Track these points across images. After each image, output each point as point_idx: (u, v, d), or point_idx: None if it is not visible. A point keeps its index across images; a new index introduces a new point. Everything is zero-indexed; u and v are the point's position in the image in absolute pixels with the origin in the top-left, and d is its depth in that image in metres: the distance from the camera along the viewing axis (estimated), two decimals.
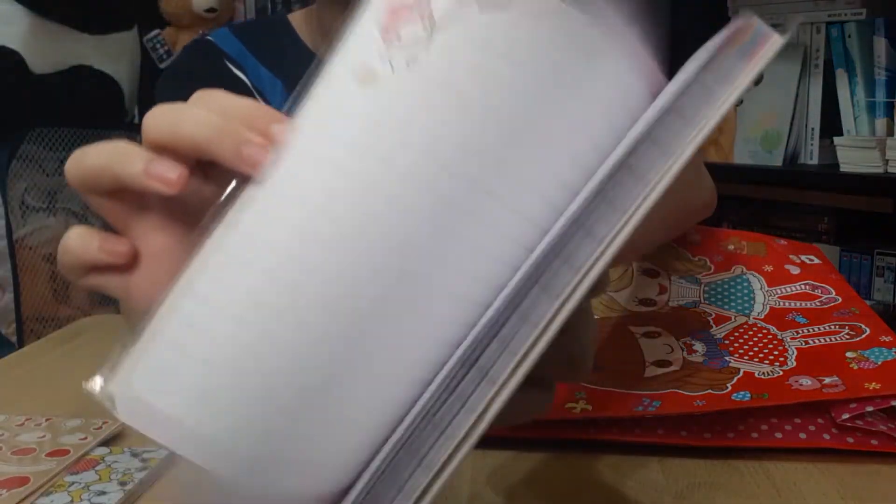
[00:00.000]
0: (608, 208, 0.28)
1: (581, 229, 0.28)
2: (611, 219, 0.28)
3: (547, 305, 0.28)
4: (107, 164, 0.37)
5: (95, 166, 0.37)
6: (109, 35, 1.96)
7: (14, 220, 1.86)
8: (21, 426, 0.57)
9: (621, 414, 0.53)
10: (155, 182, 0.35)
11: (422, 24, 0.32)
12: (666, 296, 0.69)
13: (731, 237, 0.75)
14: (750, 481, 0.49)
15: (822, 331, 0.61)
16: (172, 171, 0.35)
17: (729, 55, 0.28)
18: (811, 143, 1.83)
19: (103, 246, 0.38)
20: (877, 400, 0.51)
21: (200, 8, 2.26)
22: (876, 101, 1.73)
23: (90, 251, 0.38)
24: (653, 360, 0.59)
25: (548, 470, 0.51)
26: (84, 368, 0.34)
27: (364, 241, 0.31)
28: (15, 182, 1.88)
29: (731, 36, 0.29)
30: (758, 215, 1.96)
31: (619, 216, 0.28)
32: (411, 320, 0.33)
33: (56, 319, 1.93)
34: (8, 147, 1.85)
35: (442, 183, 0.31)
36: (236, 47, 0.86)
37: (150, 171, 0.35)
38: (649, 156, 0.28)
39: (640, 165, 0.28)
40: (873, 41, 1.72)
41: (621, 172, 0.29)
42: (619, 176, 0.28)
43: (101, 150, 0.37)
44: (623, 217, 0.28)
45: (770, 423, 0.53)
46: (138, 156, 0.36)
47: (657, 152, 0.28)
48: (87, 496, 0.47)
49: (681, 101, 0.28)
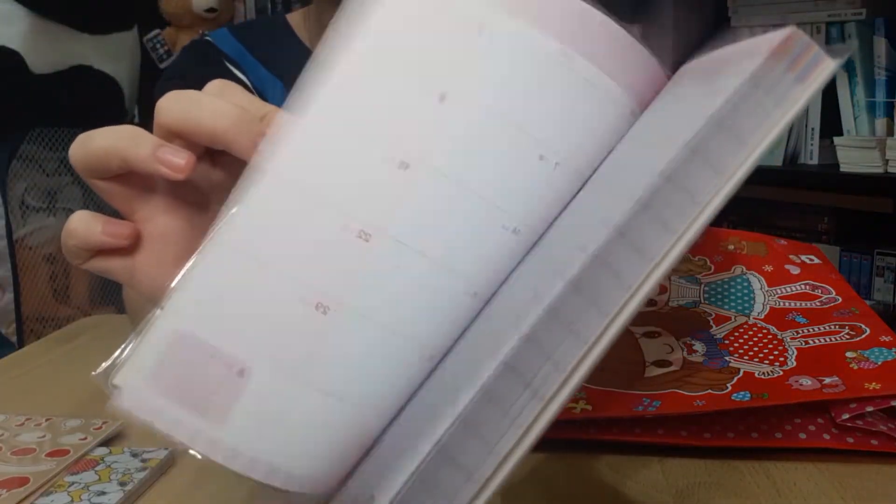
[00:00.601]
0: (661, 229, 0.27)
1: (631, 248, 0.28)
2: (662, 238, 0.27)
3: (597, 321, 0.27)
4: (115, 146, 0.37)
5: (103, 148, 0.37)
6: (109, 35, 1.96)
7: (14, 220, 1.86)
8: (21, 426, 0.57)
9: (621, 414, 0.53)
10: (163, 167, 0.36)
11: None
12: (666, 296, 0.69)
13: (731, 237, 0.75)
14: (750, 481, 0.49)
15: (822, 331, 0.61)
16: (181, 157, 0.36)
17: (784, 76, 0.27)
18: (811, 143, 1.83)
19: (107, 229, 0.38)
20: (877, 400, 0.51)
21: (200, 8, 2.26)
22: (876, 101, 1.73)
23: (94, 234, 0.38)
24: (653, 360, 0.59)
25: (548, 470, 0.51)
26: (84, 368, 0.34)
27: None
28: (15, 182, 1.88)
29: (777, 50, 0.27)
30: (758, 215, 1.96)
31: (671, 236, 0.27)
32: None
33: (56, 319, 1.93)
34: (8, 147, 1.85)
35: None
36: (236, 47, 0.86)
37: (159, 155, 0.36)
38: (703, 177, 0.27)
39: (693, 186, 0.27)
40: (873, 41, 1.73)
41: (671, 191, 0.28)
42: (672, 196, 0.27)
43: (108, 133, 0.38)
44: (674, 237, 0.27)
45: (770, 423, 0.53)
46: (147, 140, 0.37)
47: (710, 173, 0.27)
48: (87, 496, 0.47)
49: (736, 121, 0.27)
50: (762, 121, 0.27)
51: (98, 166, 0.38)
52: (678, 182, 0.27)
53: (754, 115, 0.27)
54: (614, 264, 0.27)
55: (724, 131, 0.27)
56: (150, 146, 0.36)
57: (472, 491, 0.27)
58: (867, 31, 1.73)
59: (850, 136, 1.75)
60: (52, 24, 1.83)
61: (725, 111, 0.27)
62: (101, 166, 0.38)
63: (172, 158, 0.36)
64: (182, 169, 0.36)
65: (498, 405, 0.28)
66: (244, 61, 0.85)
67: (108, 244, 0.38)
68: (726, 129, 0.27)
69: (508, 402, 0.28)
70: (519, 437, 0.27)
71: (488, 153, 0.33)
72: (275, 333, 0.33)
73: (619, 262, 0.27)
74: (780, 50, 0.27)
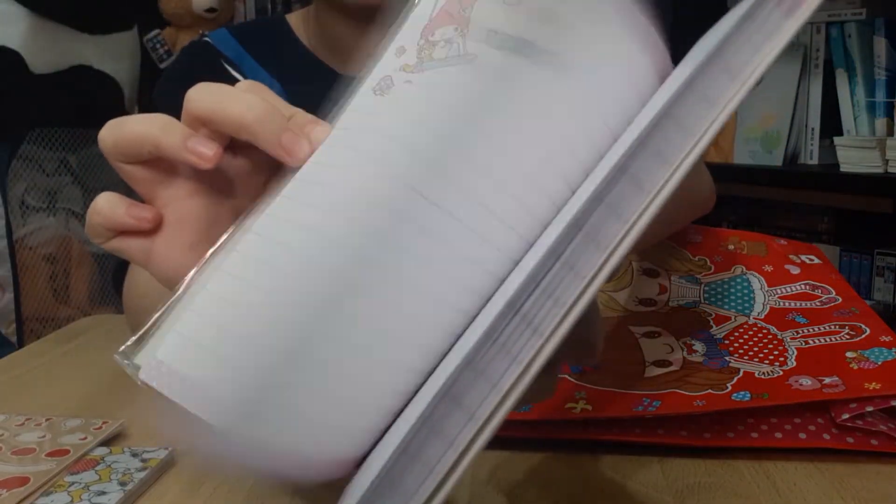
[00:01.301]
0: (657, 160, 0.29)
1: (628, 179, 0.29)
2: (658, 171, 0.29)
3: (595, 257, 0.28)
4: (147, 132, 0.39)
5: (135, 133, 0.40)
6: (109, 35, 1.96)
7: (14, 220, 1.86)
8: (21, 426, 0.57)
9: (621, 414, 0.53)
10: (192, 155, 0.38)
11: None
12: (666, 296, 0.69)
13: (731, 237, 0.75)
14: (750, 481, 0.49)
15: (822, 331, 0.61)
16: (209, 148, 0.38)
17: (773, 12, 0.29)
18: (811, 143, 1.83)
19: (130, 211, 0.40)
20: (877, 400, 0.51)
21: (200, 8, 2.26)
22: (876, 101, 1.73)
23: (118, 214, 0.40)
24: (653, 360, 0.59)
25: (548, 470, 0.51)
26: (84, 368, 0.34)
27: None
28: (15, 182, 1.88)
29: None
30: (758, 215, 1.96)
31: (668, 169, 0.29)
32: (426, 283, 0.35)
33: (56, 319, 1.93)
34: (8, 147, 1.85)
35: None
36: (234, 48, 0.86)
37: (189, 145, 0.38)
38: (696, 111, 0.29)
39: (685, 118, 0.29)
40: (873, 41, 1.72)
41: (667, 125, 0.29)
42: (666, 127, 0.29)
43: (142, 119, 0.40)
44: (670, 169, 0.29)
45: (770, 423, 0.53)
46: (178, 129, 0.39)
47: (704, 106, 0.29)
48: (87, 496, 0.47)
49: (727, 55, 0.29)
50: (753, 55, 0.29)
51: (129, 151, 0.40)
52: (672, 114, 0.29)
53: (744, 49, 0.29)
54: (613, 201, 0.29)
55: (716, 65, 0.29)
56: (181, 135, 0.39)
57: (473, 430, 0.28)
58: (867, 31, 1.73)
59: (850, 136, 1.75)
60: (52, 24, 1.83)
61: (720, 48, 0.29)
62: (131, 151, 0.40)
63: (202, 148, 0.38)
64: (210, 159, 0.38)
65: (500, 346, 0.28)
66: (243, 62, 0.85)
67: (130, 226, 0.41)
68: (718, 64, 0.29)
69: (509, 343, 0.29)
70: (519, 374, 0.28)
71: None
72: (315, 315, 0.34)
73: (619, 197, 0.29)
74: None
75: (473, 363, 0.28)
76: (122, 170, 0.41)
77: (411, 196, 0.34)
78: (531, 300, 0.28)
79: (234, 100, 0.38)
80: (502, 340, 0.28)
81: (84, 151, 1.93)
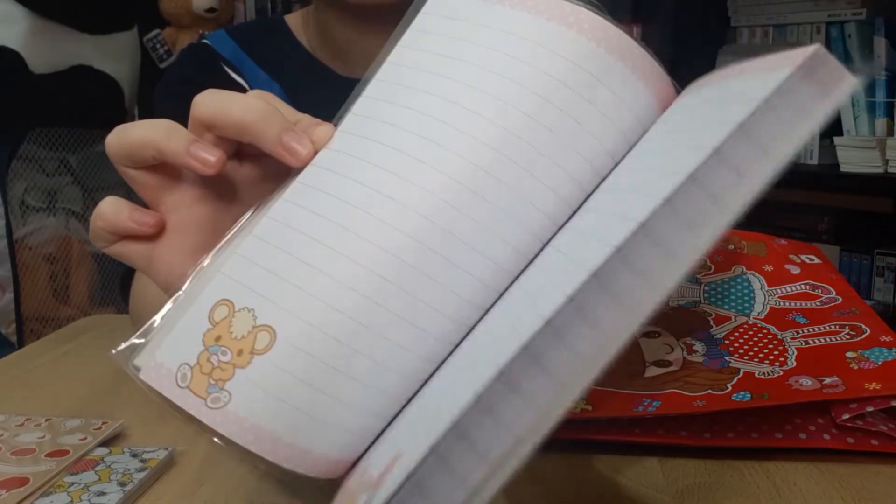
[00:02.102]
0: (685, 228, 0.27)
1: (653, 244, 0.27)
2: (686, 237, 0.27)
3: (617, 315, 0.28)
4: (151, 138, 0.39)
5: (139, 139, 0.40)
6: (109, 35, 1.96)
7: (14, 220, 1.86)
8: (21, 426, 0.57)
9: (621, 414, 0.53)
10: (195, 161, 0.38)
11: None
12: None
13: (731, 237, 0.74)
14: (750, 481, 0.49)
15: (822, 331, 0.61)
16: (213, 154, 0.38)
17: (809, 90, 0.28)
18: (811, 143, 1.83)
19: (133, 216, 0.41)
20: (877, 400, 0.51)
21: (200, 8, 2.26)
22: (876, 101, 1.73)
23: (122, 219, 0.41)
24: (653, 360, 0.59)
25: (548, 470, 0.51)
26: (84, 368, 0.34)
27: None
28: (15, 182, 1.88)
29: (803, 65, 0.28)
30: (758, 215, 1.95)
31: (693, 234, 0.27)
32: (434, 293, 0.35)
33: (56, 319, 1.93)
34: (8, 147, 1.85)
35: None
36: (233, 49, 0.86)
37: (192, 150, 0.38)
38: (727, 183, 0.28)
39: (719, 192, 0.28)
40: (873, 41, 1.73)
41: (696, 193, 0.28)
42: (696, 200, 0.27)
43: (147, 125, 0.40)
44: (700, 239, 0.27)
45: (770, 423, 0.53)
46: (183, 135, 0.39)
47: (735, 180, 0.28)
48: (87, 497, 0.47)
49: (759, 129, 0.28)
50: (787, 130, 0.28)
51: (133, 155, 0.40)
52: (703, 184, 0.28)
53: (779, 125, 0.28)
54: (637, 262, 0.27)
55: (749, 139, 0.28)
56: (185, 141, 0.39)
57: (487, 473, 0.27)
58: (867, 31, 1.73)
59: (850, 136, 1.75)
60: (52, 24, 1.83)
61: (753, 119, 0.28)
62: (136, 156, 0.40)
63: (205, 154, 0.38)
64: (213, 165, 0.38)
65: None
66: (241, 63, 0.85)
67: (133, 231, 0.41)
68: (752, 137, 0.28)
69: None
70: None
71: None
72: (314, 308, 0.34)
73: (643, 260, 0.27)
74: (805, 65, 0.28)
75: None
76: (127, 174, 0.41)
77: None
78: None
79: (236, 103, 0.39)
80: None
81: (84, 151, 1.93)
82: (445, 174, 0.35)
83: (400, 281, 0.35)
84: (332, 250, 0.35)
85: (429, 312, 0.35)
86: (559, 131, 0.36)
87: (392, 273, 0.35)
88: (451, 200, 0.35)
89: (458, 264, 0.35)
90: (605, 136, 0.37)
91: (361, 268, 0.35)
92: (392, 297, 0.35)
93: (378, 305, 0.35)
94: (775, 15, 1.87)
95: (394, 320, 0.35)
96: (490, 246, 0.36)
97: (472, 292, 0.36)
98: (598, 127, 0.37)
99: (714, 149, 0.27)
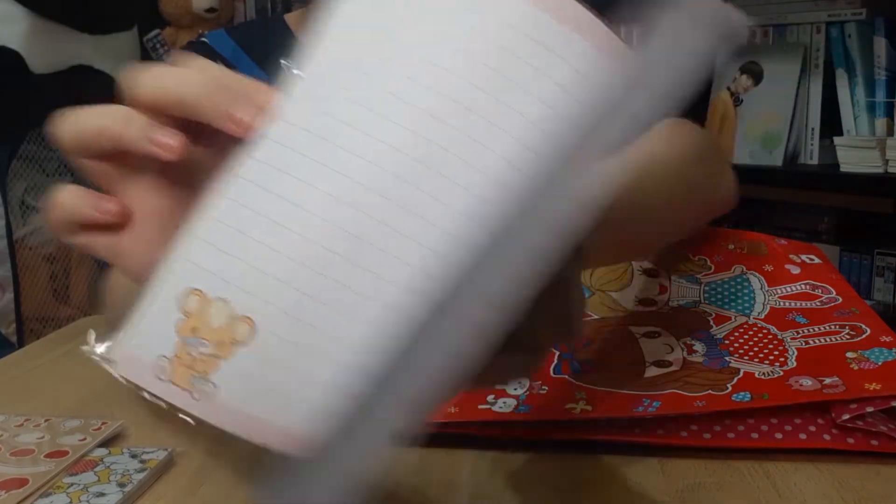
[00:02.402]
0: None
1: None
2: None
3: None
4: (107, 126, 0.37)
5: (95, 127, 0.37)
6: (109, 35, 1.96)
7: (14, 220, 1.86)
8: (20, 427, 0.57)
9: (621, 414, 0.53)
10: (157, 148, 0.36)
11: None
12: (666, 296, 0.69)
13: (731, 237, 0.74)
14: (750, 481, 0.49)
15: (822, 331, 0.61)
16: (174, 139, 0.36)
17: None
18: (811, 143, 1.83)
19: (97, 204, 0.37)
20: (877, 400, 0.51)
21: (200, 8, 2.26)
22: (876, 101, 1.73)
23: (83, 208, 0.37)
24: (653, 360, 0.59)
25: (548, 470, 0.51)
26: (84, 368, 0.34)
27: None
28: (15, 182, 1.88)
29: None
30: (758, 215, 1.96)
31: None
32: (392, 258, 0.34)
33: (56, 319, 1.93)
34: (8, 147, 1.85)
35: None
36: (233, 49, 0.86)
37: (152, 136, 0.36)
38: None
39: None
40: (873, 41, 1.72)
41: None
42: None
43: (101, 112, 0.37)
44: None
45: (770, 424, 0.53)
46: (139, 120, 0.36)
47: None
48: (86, 497, 0.47)
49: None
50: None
51: (90, 145, 0.37)
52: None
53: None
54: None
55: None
56: (143, 127, 0.36)
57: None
58: (867, 31, 1.73)
59: (850, 136, 1.75)
60: (52, 24, 1.83)
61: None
62: (92, 145, 0.37)
63: (166, 139, 0.36)
64: (175, 149, 0.36)
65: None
66: (241, 63, 0.85)
67: (96, 220, 0.38)
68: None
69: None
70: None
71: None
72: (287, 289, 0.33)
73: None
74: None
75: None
76: (84, 165, 0.38)
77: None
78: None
79: (172, 78, 0.36)
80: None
81: None
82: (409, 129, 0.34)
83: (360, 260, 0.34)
84: (289, 230, 0.34)
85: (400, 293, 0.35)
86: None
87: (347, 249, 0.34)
88: (404, 169, 0.34)
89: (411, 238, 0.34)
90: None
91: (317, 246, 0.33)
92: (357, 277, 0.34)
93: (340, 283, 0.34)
94: (775, 14, 1.87)
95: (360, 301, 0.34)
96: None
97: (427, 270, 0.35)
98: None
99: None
